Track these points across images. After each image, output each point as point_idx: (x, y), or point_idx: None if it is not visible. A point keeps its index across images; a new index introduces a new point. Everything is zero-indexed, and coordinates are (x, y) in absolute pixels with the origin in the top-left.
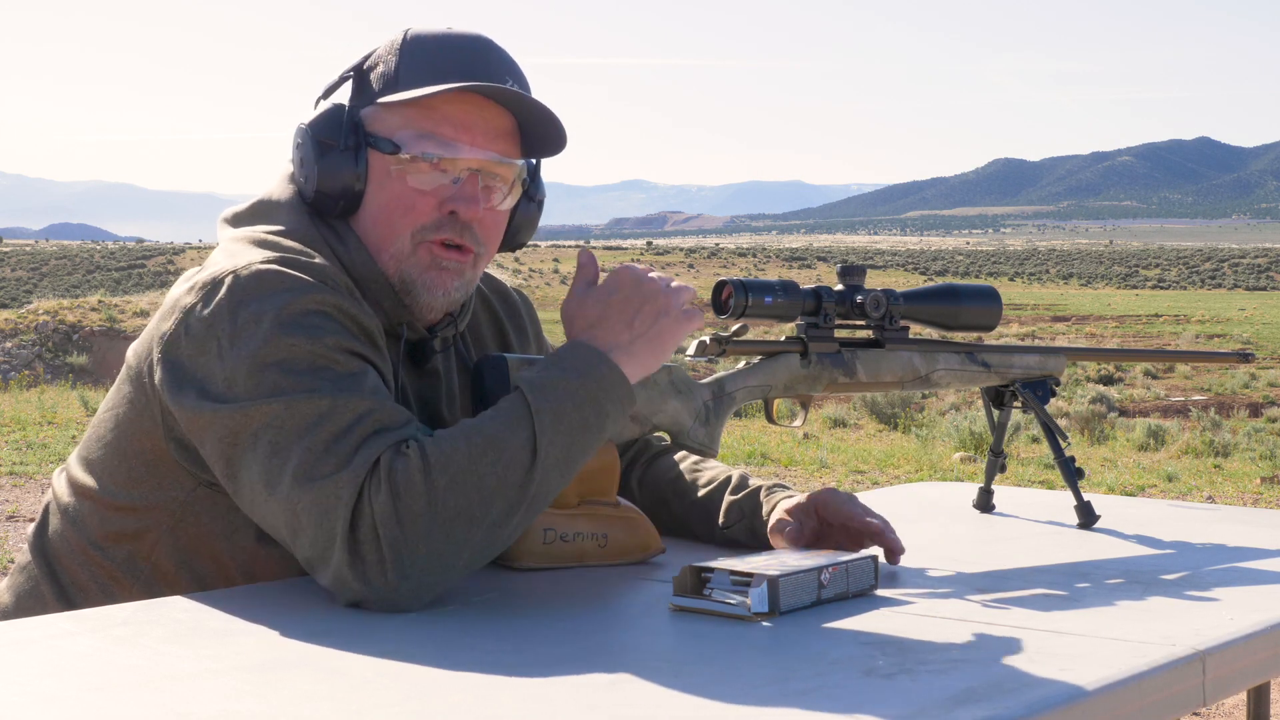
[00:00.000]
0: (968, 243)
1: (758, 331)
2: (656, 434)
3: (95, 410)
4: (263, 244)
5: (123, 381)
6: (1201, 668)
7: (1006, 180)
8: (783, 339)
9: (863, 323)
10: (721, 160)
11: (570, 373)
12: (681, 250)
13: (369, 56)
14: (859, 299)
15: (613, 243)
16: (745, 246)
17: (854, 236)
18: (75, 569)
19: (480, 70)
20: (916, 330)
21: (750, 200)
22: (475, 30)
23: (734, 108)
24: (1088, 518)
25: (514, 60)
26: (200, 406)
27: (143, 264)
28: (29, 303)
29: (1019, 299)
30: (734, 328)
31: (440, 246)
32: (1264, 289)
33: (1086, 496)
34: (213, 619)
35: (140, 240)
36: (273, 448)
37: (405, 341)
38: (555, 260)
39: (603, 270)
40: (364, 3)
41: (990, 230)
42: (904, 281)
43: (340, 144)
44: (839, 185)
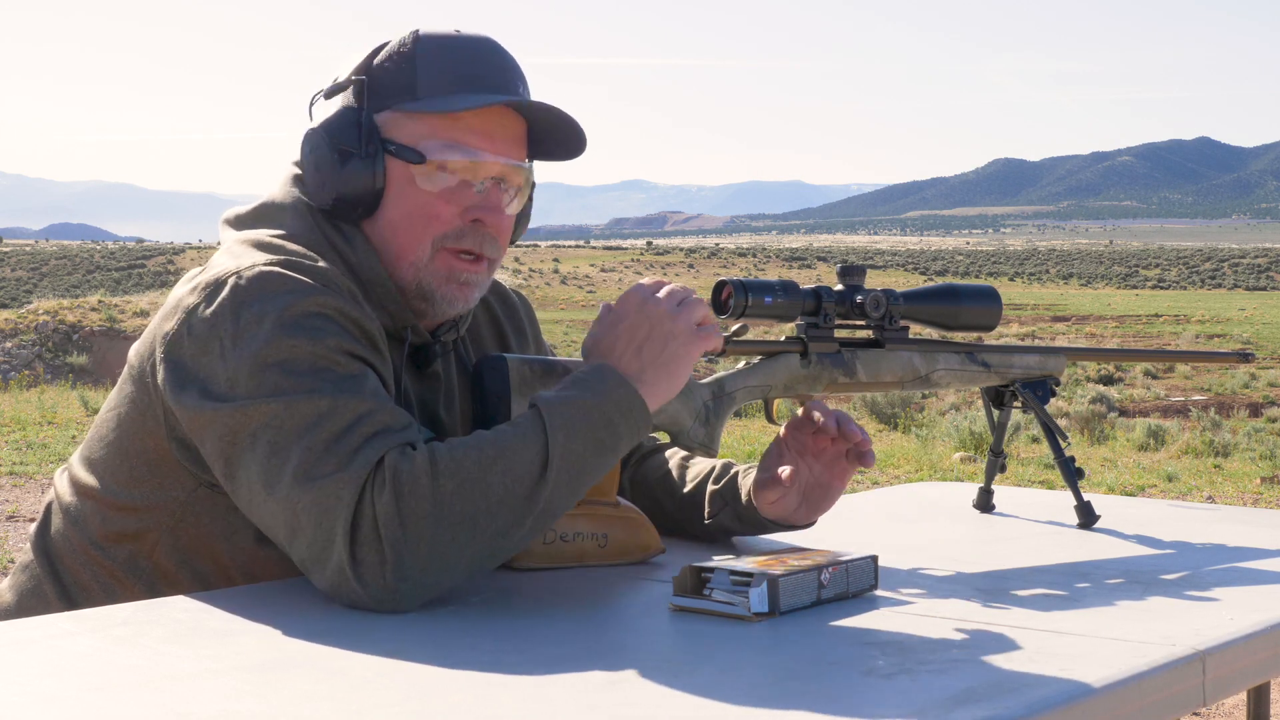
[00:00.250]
0: (968, 243)
1: (758, 331)
2: (654, 434)
3: (95, 410)
4: (266, 246)
5: (125, 381)
6: (1201, 668)
7: (1006, 180)
8: (783, 339)
9: (863, 323)
10: (721, 160)
11: (588, 392)
12: (681, 250)
13: (375, 58)
14: (859, 299)
15: (613, 243)
16: (745, 246)
17: (854, 236)
18: (77, 568)
19: (497, 77)
20: (916, 330)
21: (750, 200)
22: (481, 31)
23: (734, 108)
24: (1088, 518)
25: (516, 59)
26: (201, 406)
27: (143, 264)
28: (29, 303)
29: (1019, 299)
30: (734, 328)
31: (458, 257)
32: (1264, 289)
33: (1086, 496)
34: (213, 619)
35: (140, 240)
36: (272, 447)
37: (408, 345)
38: (555, 260)
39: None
40: (364, 3)
41: (990, 230)
42: (904, 281)
43: (360, 151)
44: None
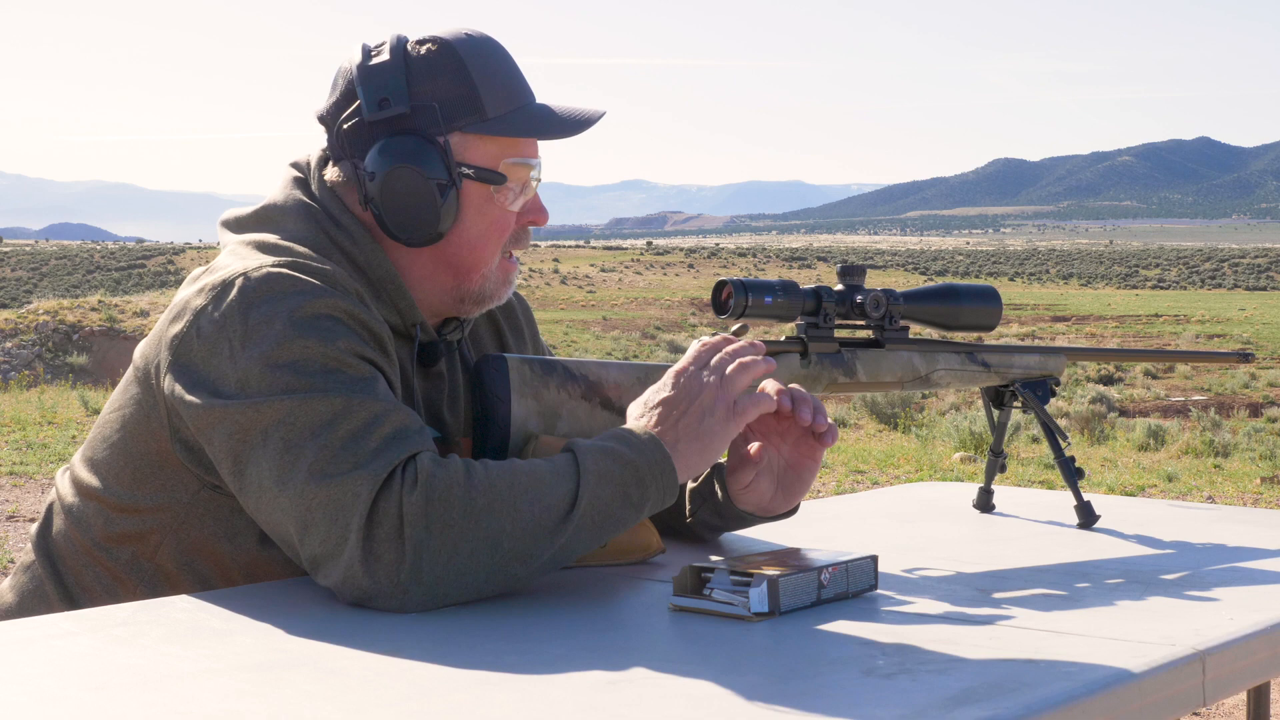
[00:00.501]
0: (968, 243)
1: (758, 331)
2: None
3: (95, 410)
4: (271, 248)
5: (130, 383)
6: (1201, 668)
7: (1006, 180)
8: (783, 339)
9: (863, 323)
10: (721, 160)
11: (625, 447)
12: (681, 250)
13: (419, 80)
14: (859, 299)
15: (613, 243)
16: (745, 246)
17: (854, 236)
18: (80, 569)
19: (524, 80)
20: (916, 330)
21: (750, 200)
22: (474, 29)
23: (734, 108)
24: (1088, 518)
25: None
26: (210, 404)
27: (143, 264)
28: (29, 303)
29: (1019, 299)
30: (734, 328)
31: (509, 259)
32: (1264, 289)
33: (1086, 496)
34: (213, 619)
35: (140, 240)
36: (285, 444)
37: (417, 342)
38: (555, 260)
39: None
40: (364, 3)
41: (990, 230)
42: (904, 281)
43: (450, 181)
44: (839, 185)
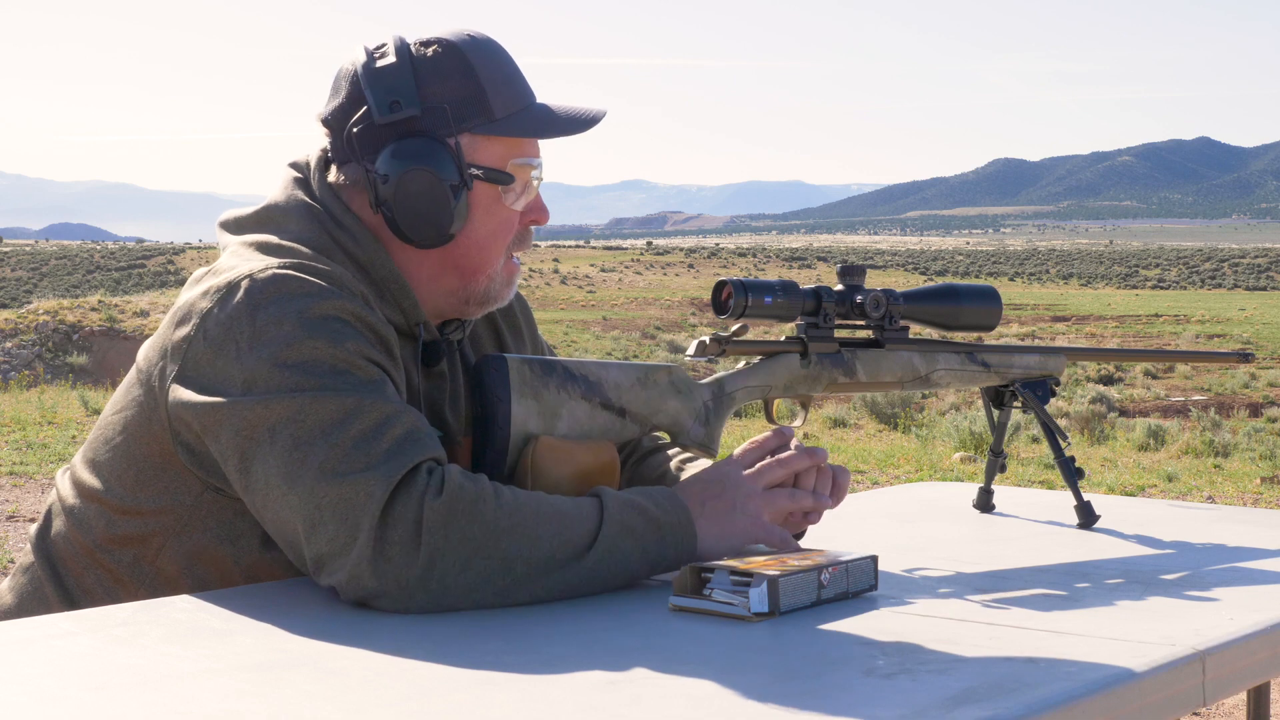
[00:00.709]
0: (968, 243)
1: (758, 331)
2: (654, 434)
3: (95, 410)
4: (274, 249)
5: (132, 385)
6: (1201, 668)
7: (1006, 180)
8: (783, 339)
9: (863, 323)
10: (721, 160)
11: (654, 503)
12: (681, 250)
13: (428, 82)
14: (859, 299)
15: (613, 243)
16: (745, 246)
17: (854, 236)
18: (80, 571)
19: (526, 80)
20: (916, 330)
21: (750, 200)
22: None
23: (734, 108)
24: (1088, 518)
25: None
26: (216, 403)
27: (143, 264)
28: (29, 303)
29: (1019, 299)
30: (734, 328)
31: (511, 259)
32: (1264, 289)
33: (1086, 496)
34: (212, 619)
35: (140, 240)
36: (294, 441)
37: (420, 341)
38: (555, 260)
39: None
40: (364, 3)
41: (990, 230)
42: (904, 281)
43: (463, 182)
44: (839, 185)
